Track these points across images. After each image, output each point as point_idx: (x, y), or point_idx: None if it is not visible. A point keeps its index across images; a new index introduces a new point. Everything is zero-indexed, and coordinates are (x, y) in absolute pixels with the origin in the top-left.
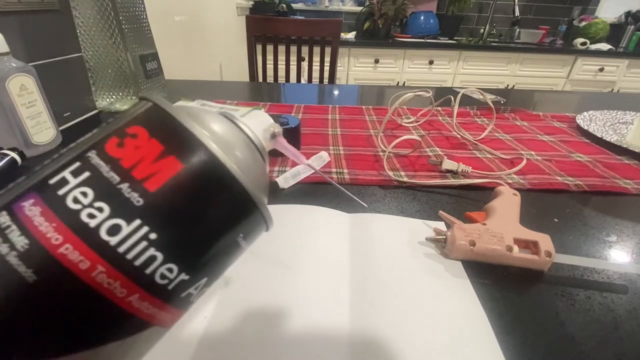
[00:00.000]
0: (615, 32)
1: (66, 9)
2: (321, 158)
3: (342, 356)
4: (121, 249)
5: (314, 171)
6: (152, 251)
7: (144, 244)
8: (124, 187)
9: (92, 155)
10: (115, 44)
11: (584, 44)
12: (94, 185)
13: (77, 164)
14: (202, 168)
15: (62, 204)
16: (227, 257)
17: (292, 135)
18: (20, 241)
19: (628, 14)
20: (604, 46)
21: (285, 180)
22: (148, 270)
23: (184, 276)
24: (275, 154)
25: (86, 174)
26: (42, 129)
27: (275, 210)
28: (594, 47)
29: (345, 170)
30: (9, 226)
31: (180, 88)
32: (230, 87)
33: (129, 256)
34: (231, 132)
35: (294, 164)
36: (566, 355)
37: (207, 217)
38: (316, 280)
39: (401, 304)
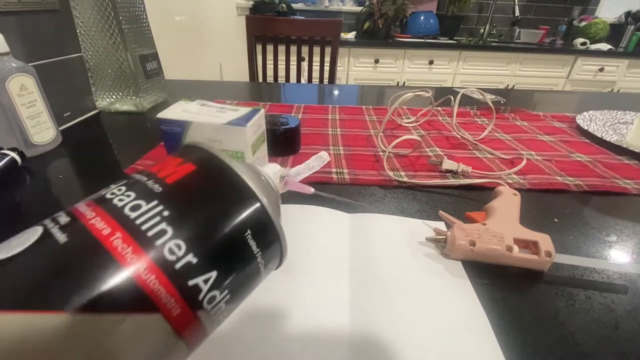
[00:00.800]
0: (615, 32)
1: (66, 9)
2: (321, 158)
3: (342, 356)
4: (138, 221)
5: (314, 172)
6: (163, 225)
7: (157, 218)
8: (150, 182)
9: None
10: (115, 44)
11: (584, 44)
12: (129, 185)
13: (126, 180)
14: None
15: (103, 197)
16: (235, 256)
17: (292, 135)
18: (63, 219)
19: (628, 14)
20: (604, 46)
21: None
22: (158, 242)
23: (191, 257)
24: (275, 154)
25: (130, 181)
26: (42, 129)
27: None
28: (594, 47)
29: (345, 170)
30: (60, 215)
31: (180, 88)
32: (230, 87)
33: (144, 227)
34: (259, 179)
35: (294, 164)
36: (566, 355)
37: (216, 211)
38: (316, 280)
39: (401, 304)
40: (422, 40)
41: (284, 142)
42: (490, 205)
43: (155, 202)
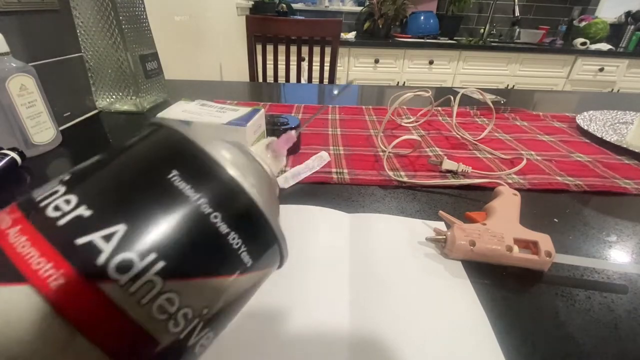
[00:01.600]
0: (615, 32)
1: (66, 9)
2: (321, 158)
3: (342, 356)
4: (34, 195)
5: (314, 171)
6: (57, 187)
7: (54, 184)
8: None
9: None
10: (115, 44)
11: (584, 44)
12: None
13: None
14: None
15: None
16: (156, 204)
17: None
18: None
19: (628, 14)
20: (604, 46)
21: (285, 180)
22: (43, 203)
23: (83, 210)
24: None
25: None
26: (42, 129)
27: None
28: (594, 47)
29: (345, 170)
30: None
31: (180, 88)
32: (230, 87)
33: (37, 198)
34: (244, 160)
35: (294, 164)
36: (566, 355)
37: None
38: (316, 281)
39: (401, 304)
40: (422, 40)
41: None
42: (490, 205)
43: (61, 175)
